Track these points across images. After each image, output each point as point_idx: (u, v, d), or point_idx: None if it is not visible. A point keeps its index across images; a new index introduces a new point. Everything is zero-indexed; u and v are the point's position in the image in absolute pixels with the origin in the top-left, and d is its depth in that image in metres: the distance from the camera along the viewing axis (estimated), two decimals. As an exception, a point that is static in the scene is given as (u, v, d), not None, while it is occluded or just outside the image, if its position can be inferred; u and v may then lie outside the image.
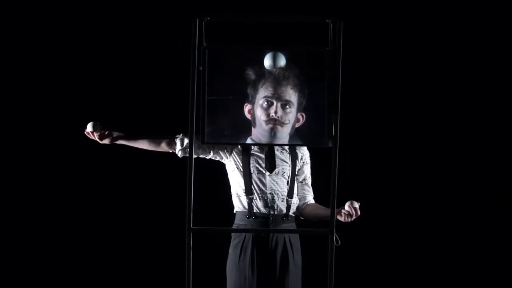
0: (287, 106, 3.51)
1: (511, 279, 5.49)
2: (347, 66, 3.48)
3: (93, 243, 5.47)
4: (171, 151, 3.98)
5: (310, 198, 4.03)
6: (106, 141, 4.00)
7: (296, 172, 3.97)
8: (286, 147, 3.90)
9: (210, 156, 3.97)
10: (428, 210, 5.50)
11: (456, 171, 5.47)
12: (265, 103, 3.51)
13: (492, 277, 5.49)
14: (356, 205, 3.77)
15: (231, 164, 3.95)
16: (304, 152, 4.00)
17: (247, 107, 3.49)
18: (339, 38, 3.26)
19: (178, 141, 3.94)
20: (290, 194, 3.94)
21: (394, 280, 5.52)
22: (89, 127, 3.97)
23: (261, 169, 3.91)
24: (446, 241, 5.50)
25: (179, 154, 3.96)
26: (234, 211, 3.98)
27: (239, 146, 3.90)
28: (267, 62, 3.42)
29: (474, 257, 5.49)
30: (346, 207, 3.77)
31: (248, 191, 3.90)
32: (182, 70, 3.55)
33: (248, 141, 3.54)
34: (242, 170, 3.90)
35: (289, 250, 3.89)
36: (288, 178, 3.93)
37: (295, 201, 3.96)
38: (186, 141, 3.91)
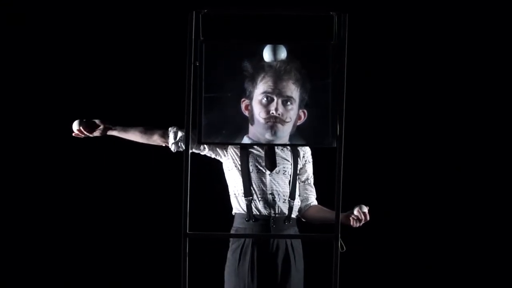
0: (289, 103, 3.41)
1: (511, 279, 5.48)
2: (353, 61, 3.41)
3: (84, 249, 5.44)
4: (163, 145, 3.90)
5: (313, 199, 3.94)
6: (97, 133, 3.93)
7: (298, 171, 3.88)
8: None
9: (205, 152, 3.87)
10: (434, 214, 5.48)
11: (456, 171, 5.48)
12: (265, 99, 3.41)
13: (493, 278, 5.49)
14: (365, 209, 3.71)
15: (229, 163, 3.85)
16: (306, 150, 3.91)
17: (244, 103, 3.40)
18: (344, 32, 3.21)
19: (171, 134, 3.85)
20: (292, 195, 3.84)
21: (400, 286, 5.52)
22: (75, 126, 3.91)
23: (260, 168, 3.81)
24: (453, 245, 5.50)
25: (172, 148, 3.87)
26: (233, 213, 3.89)
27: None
28: (267, 54, 3.33)
29: (475, 258, 5.48)
30: (355, 211, 3.71)
31: (247, 192, 3.80)
32: (178, 65, 3.52)
33: (245, 139, 3.45)
34: (240, 169, 3.80)
35: (290, 254, 3.80)
36: (290, 177, 3.84)
37: (297, 203, 3.87)
38: (180, 134, 3.83)
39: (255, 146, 3.79)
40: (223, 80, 3.30)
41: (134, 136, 3.89)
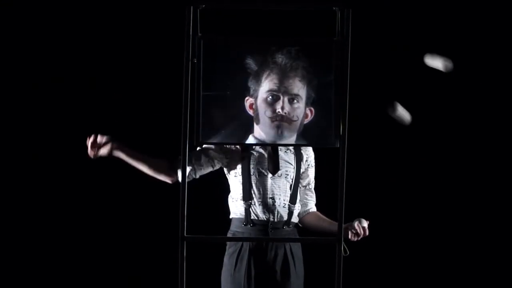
0: (295, 101, 3.33)
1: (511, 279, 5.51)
2: (356, 58, 3.38)
3: (82, 252, 5.42)
4: (170, 181, 3.73)
5: (312, 205, 3.88)
6: (104, 151, 3.68)
7: (300, 176, 3.81)
8: (291, 147, 3.75)
9: (214, 169, 3.78)
10: (440, 217, 5.47)
11: (464, 175, 5.47)
12: (270, 97, 3.32)
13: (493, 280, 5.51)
14: (365, 224, 3.68)
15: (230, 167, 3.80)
16: (309, 154, 3.85)
17: (248, 101, 3.32)
18: (348, 28, 3.18)
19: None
20: (292, 200, 3.77)
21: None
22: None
23: (262, 170, 3.74)
24: (455, 247, 5.49)
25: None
26: (230, 217, 3.82)
27: (238, 147, 3.74)
28: None
29: (477, 266, 5.48)
30: (355, 225, 3.67)
31: (246, 195, 3.73)
32: (175, 62, 3.46)
33: (251, 139, 3.37)
34: (241, 173, 3.73)
35: (290, 260, 3.74)
36: (292, 181, 3.77)
37: (297, 207, 3.81)
38: (188, 169, 3.68)
39: (257, 149, 3.73)
40: (222, 78, 3.24)
41: (142, 165, 3.71)
